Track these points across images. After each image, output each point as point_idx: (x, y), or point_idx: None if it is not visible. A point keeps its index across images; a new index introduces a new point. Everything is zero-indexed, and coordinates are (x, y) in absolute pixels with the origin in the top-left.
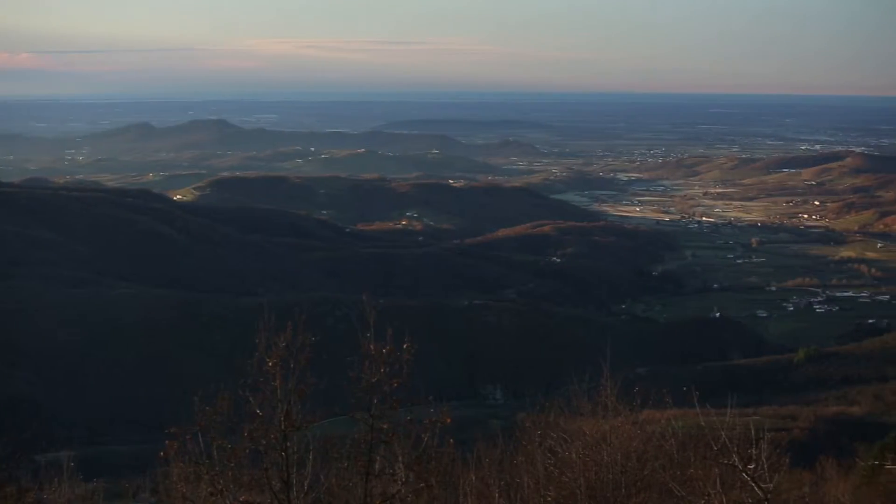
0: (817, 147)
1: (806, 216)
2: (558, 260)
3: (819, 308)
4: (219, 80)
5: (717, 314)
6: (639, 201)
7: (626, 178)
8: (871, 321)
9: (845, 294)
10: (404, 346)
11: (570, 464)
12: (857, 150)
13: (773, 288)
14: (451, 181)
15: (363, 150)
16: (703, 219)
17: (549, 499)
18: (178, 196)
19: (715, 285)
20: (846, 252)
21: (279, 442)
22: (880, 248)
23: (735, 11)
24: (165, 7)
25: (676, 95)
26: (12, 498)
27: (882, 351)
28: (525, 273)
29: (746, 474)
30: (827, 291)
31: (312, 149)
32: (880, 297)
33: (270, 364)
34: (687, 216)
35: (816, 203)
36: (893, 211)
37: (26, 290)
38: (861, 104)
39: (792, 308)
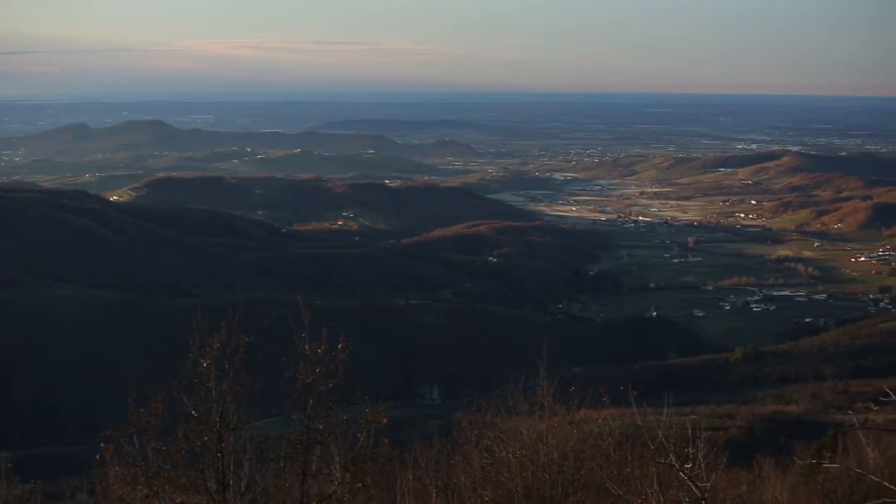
0: (753, 146)
1: (742, 215)
2: (495, 260)
3: (756, 307)
4: (156, 80)
5: (654, 314)
6: (575, 201)
7: (562, 178)
8: (808, 320)
9: (782, 293)
10: (339, 346)
11: (506, 464)
12: (794, 149)
13: (710, 287)
14: (387, 181)
15: (299, 150)
16: (640, 218)
17: (486, 499)
18: (114, 197)
19: (651, 285)
20: (783, 251)
21: (215, 443)
22: (817, 247)
23: (671, 13)
24: (103, 8)
25: (613, 95)
26: None
27: (819, 350)
28: (461, 273)
29: (683, 473)
30: (764, 290)
31: (248, 149)
32: (817, 297)
33: (205, 365)
34: (623, 216)
35: (753, 202)
36: (830, 210)
37: None
38: (797, 103)
39: (729, 307)
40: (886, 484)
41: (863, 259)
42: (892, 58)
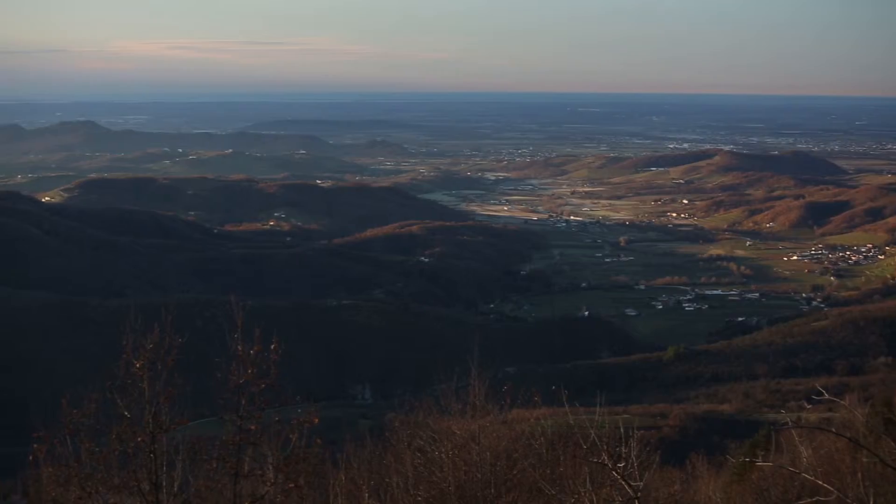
0: (685, 146)
1: (675, 215)
2: (426, 260)
3: (688, 306)
4: (89, 81)
5: (586, 313)
6: (507, 200)
7: (493, 178)
8: (740, 319)
9: (714, 292)
10: (272, 346)
11: (439, 463)
12: (726, 148)
13: (642, 286)
14: (318, 181)
15: (231, 150)
16: (572, 217)
17: (419, 498)
18: (46, 198)
19: (583, 284)
20: (715, 250)
21: (148, 444)
22: (749, 246)
23: (600, 13)
24: (36, 9)
25: (544, 95)
26: None
27: (752, 349)
28: (393, 273)
29: (616, 472)
30: (696, 290)
31: (180, 150)
32: (749, 295)
33: (138, 366)
34: (555, 215)
35: (685, 201)
36: (762, 209)
37: None
38: (729, 102)
39: (661, 306)
40: (820, 482)
41: (795, 258)
42: (821, 57)
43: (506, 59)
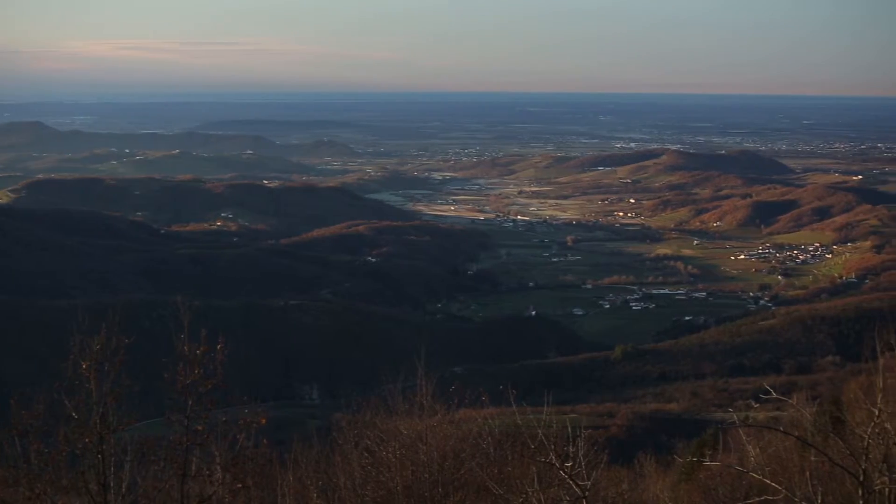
0: (632, 145)
1: (622, 214)
2: (373, 259)
3: (635, 306)
4: (37, 82)
5: (533, 312)
6: (454, 200)
7: (440, 178)
8: (687, 318)
9: (662, 291)
10: (218, 346)
11: (386, 463)
12: (673, 147)
13: (590, 286)
14: (265, 182)
15: (178, 151)
16: (519, 217)
17: (367, 498)
18: None
19: (531, 284)
20: (662, 249)
21: (95, 444)
22: (696, 245)
23: (548, 13)
24: None
25: (491, 94)
26: None
27: (699, 348)
28: (340, 273)
29: (564, 472)
30: (643, 289)
31: (128, 150)
32: (697, 295)
33: (85, 366)
34: (502, 215)
35: (632, 201)
36: (709, 208)
37: None
38: (676, 102)
39: (608, 306)
40: (768, 481)
41: (742, 257)
42: (768, 56)
43: (452, 59)
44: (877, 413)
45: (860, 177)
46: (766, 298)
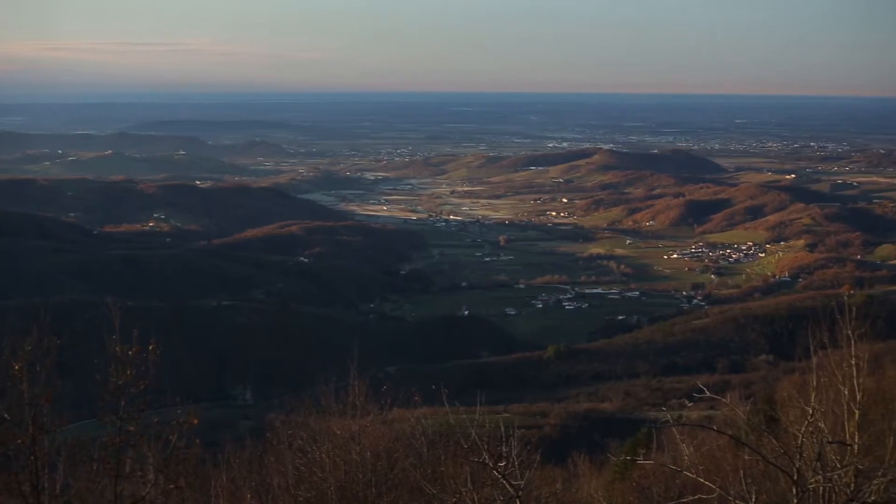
0: (565, 144)
1: (554, 213)
2: (306, 260)
3: (568, 305)
4: None
5: (466, 312)
6: (386, 200)
7: (373, 178)
8: (620, 318)
9: (595, 291)
10: (150, 347)
11: (320, 464)
12: (606, 147)
13: (522, 286)
14: (198, 182)
15: (110, 151)
16: (451, 217)
17: (300, 499)
18: None
19: (463, 283)
20: (595, 249)
21: (28, 446)
22: (629, 244)
23: (478, 14)
24: None
25: (423, 94)
26: None
27: (632, 347)
28: (273, 273)
29: (497, 472)
30: (576, 288)
31: (60, 151)
32: (630, 294)
33: (17, 368)
34: (434, 215)
35: (565, 200)
36: (642, 207)
37: None
38: (608, 101)
39: (541, 305)
40: (702, 480)
41: (675, 256)
42: (700, 55)
43: (384, 59)
44: (810, 412)
45: (793, 175)
46: (700, 297)
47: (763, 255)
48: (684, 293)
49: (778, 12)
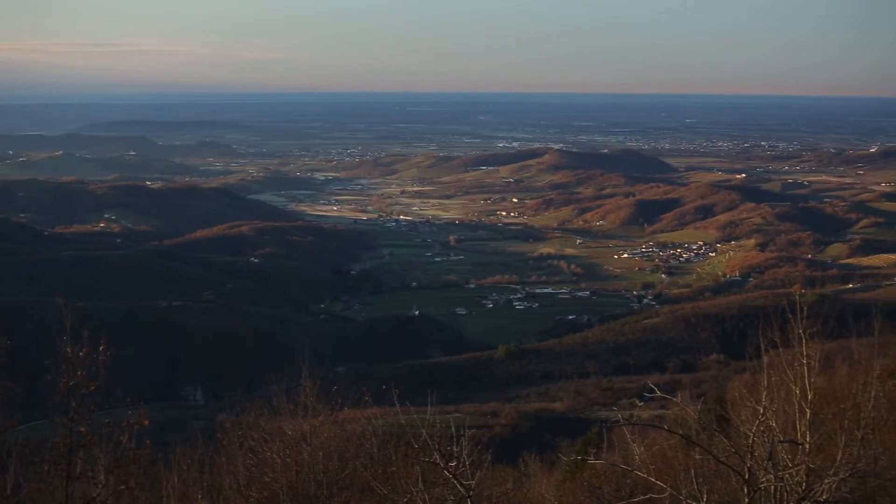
0: (515, 144)
1: (504, 213)
2: (256, 260)
3: (519, 305)
4: None
5: (416, 312)
6: (336, 200)
7: (323, 178)
8: (571, 317)
9: (545, 290)
10: (100, 348)
11: (270, 464)
12: (556, 146)
13: (472, 285)
14: (148, 182)
15: (61, 152)
16: (401, 217)
17: (252, 499)
18: None
19: (414, 283)
20: (545, 249)
21: None
22: (579, 244)
23: (427, 15)
24: None
25: (372, 94)
26: None
27: (582, 346)
28: (223, 274)
29: (448, 472)
30: (526, 288)
31: (10, 152)
32: (580, 293)
33: None
34: (385, 215)
35: (515, 200)
36: (592, 207)
37: None
38: (558, 101)
39: (491, 305)
40: (653, 480)
41: (626, 256)
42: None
43: (333, 59)
44: (761, 411)
45: (743, 175)
46: (650, 297)
47: (714, 254)
48: (635, 293)
49: (724, 13)
